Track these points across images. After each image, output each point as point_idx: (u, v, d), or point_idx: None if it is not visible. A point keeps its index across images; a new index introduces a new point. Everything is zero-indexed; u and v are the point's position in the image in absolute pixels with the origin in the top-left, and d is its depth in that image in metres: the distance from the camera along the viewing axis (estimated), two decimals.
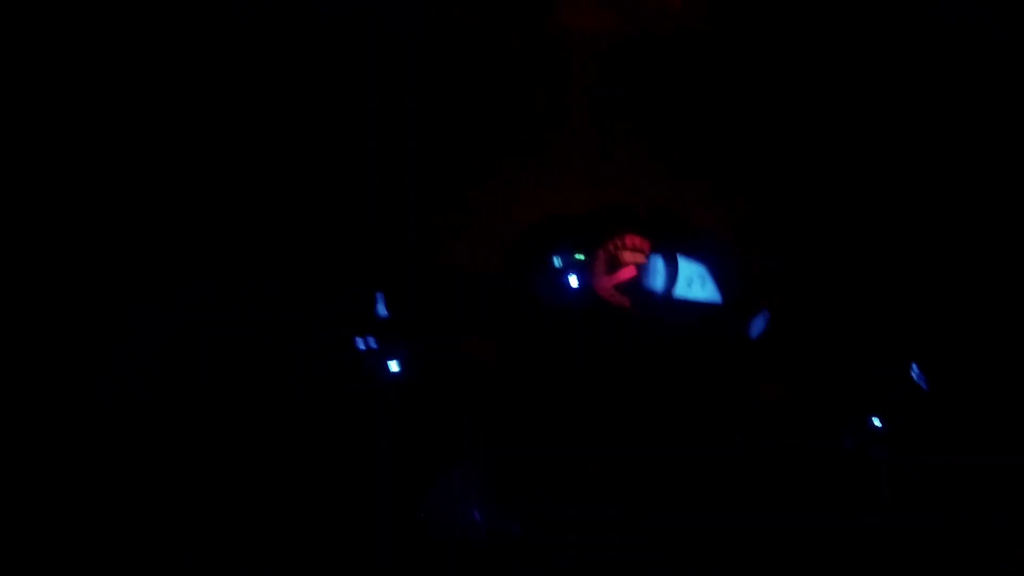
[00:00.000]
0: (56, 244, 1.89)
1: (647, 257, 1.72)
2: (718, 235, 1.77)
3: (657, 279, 1.71)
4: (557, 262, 1.73)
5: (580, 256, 1.73)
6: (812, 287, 1.78)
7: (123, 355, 1.72)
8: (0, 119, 1.95)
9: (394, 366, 1.58)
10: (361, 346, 1.57)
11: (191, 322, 1.72)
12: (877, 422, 1.48)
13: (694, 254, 1.73)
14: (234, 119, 1.98)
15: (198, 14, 2.01)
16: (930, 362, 1.50)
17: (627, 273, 1.72)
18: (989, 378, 1.54)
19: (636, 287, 1.72)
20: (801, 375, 1.56)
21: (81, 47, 1.98)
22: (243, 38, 2.03)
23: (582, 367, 1.66)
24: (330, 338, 1.60)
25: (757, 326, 1.60)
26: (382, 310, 1.60)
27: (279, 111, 1.97)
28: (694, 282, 1.73)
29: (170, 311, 1.75)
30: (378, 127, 1.99)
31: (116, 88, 1.99)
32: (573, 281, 1.72)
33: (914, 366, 1.49)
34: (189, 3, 2.02)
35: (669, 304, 1.70)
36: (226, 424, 1.62)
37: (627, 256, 1.74)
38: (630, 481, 1.55)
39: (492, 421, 1.77)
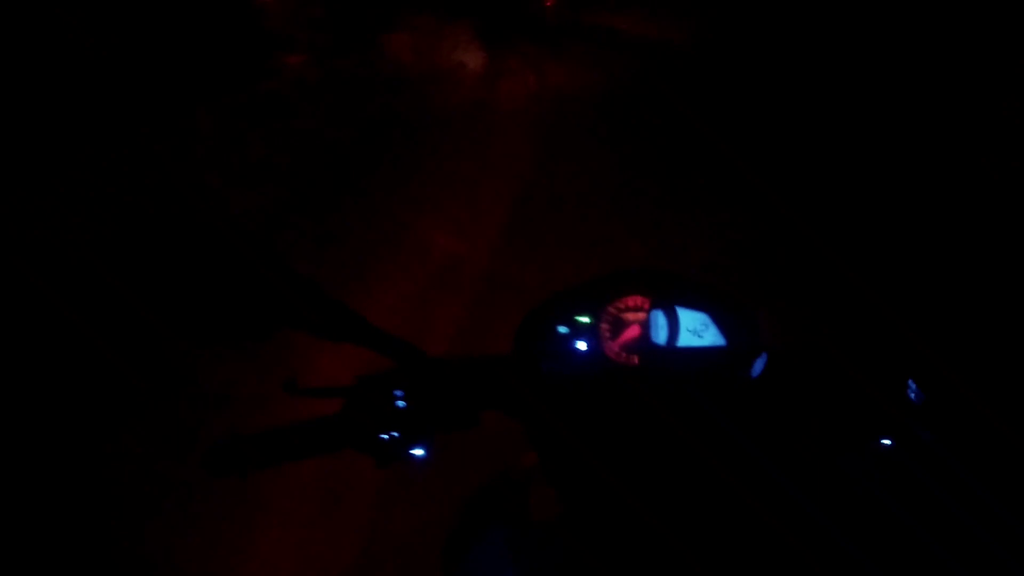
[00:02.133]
0: None
1: (648, 314, 1.80)
2: (715, 283, 1.83)
3: (660, 333, 1.78)
4: (563, 330, 1.81)
5: (584, 319, 1.81)
6: (808, 324, 1.82)
7: None
8: None
9: (419, 452, 1.63)
10: (385, 438, 1.63)
11: None
12: (886, 441, 1.50)
13: (694, 304, 1.80)
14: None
15: None
16: (926, 381, 1.52)
17: (631, 332, 1.79)
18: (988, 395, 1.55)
19: (642, 344, 1.78)
20: (803, 409, 1.58)
21: None
22: None
23: (603, 427, 1.70)
24: (354, 437, 1.65)
25: (758, 366, 1.65)
26: (400, 403, 1.66)
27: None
28: (698, 330, 1.79)
29: None
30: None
31: None
32: (582, 345, 1.79)
33: (911, 383, 1.52)
34: None
35: (676, 354, 1.76)
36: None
37: (629, 316, 1.81)
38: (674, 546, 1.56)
39: (530, 494, 1.80)
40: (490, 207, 4.86)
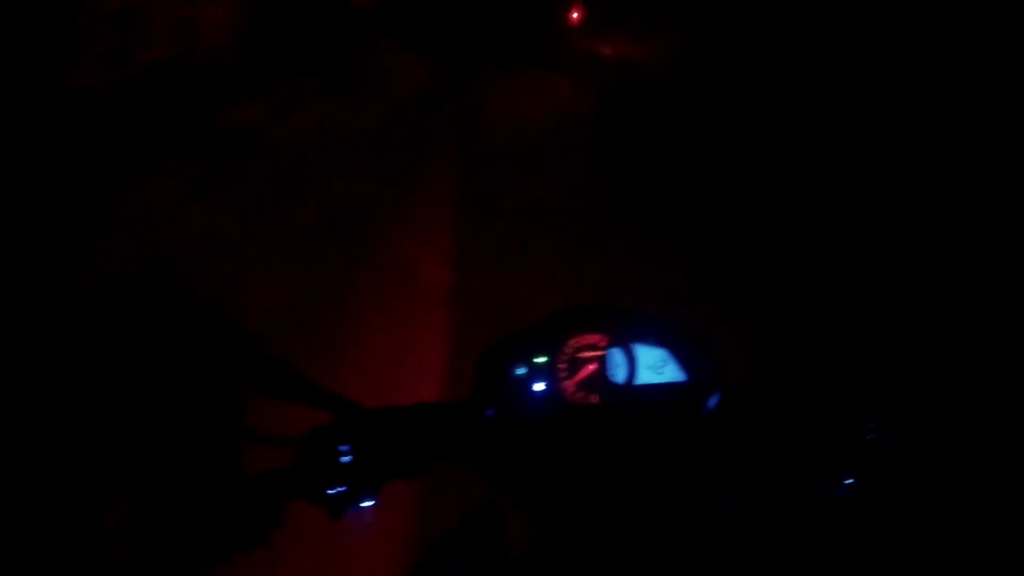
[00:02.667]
0: None
1: (605, 352, 1.76)
2: (672, 318, 1.80)
3: (619, 371, 1.74)
4: (519, 371, 1.76)
5: (541, 360, 1.76)
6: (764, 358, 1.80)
7: None
8: None
9: (368, 503, 1.56)
10: (331, 492, 1.56)
11: None
12: (848, 480, 1.47)
13: (652, 340, 1.77)
14: None
15: None
16: (888, 419, 1.50)
17: (588, 370, 1.75)
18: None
19: (600, 382, 1.74)
20: (761, 444, 1.55)
21: None
22: None
23: (562, 468, 1.65)
24: (303, 492, 1.59)
25: (712, 402, 1.62)
26: (345, 458, 1.59)
27: None
28: (657, 366, 1.75)
29: None
30: None
31: None
32: (539, 387, 1.74)
33: (871, 425, 1.50)
34: None
35: (635, 391, 1.72)
36: None
37: (586, 355, 1.77)
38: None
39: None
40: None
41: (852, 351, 2.82)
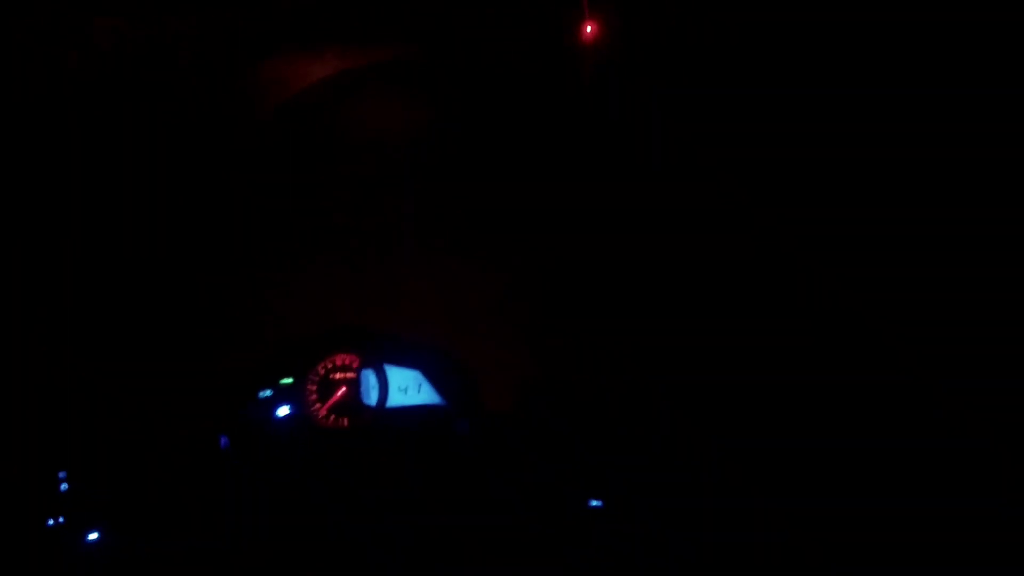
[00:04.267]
0: None
1: (357, 373, 1.71)
2: (426, 341, 1.79)
3: (370, 393, 1.70)
4: (266, 393, 1.66)
5: (287, 381, 1.68)
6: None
7: None
8: None
9: (92, 536, 1.40)
10: (50, 524, 1.39)
11: None
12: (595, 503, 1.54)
13: (405, 362, 1.75)
14: None
15: None
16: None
17: (339, 393, 1.70)
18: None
19: (351, 405, 1.69)
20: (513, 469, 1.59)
21: None
22: None
23: (314, 494, 1.58)
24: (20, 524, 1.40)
25: (461, 427, 1.63)
26: (64, 486, 1.42)
27: None
28: (409, 388, 1.74)
29: None
30: None
31: None
32: (283, 411, 1.66)
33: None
34: None
35: (385, 415, 1.69)
36: None
37: (337, 376, 1.72)
38: None
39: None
40: None
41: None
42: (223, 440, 1.54)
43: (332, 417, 1.70)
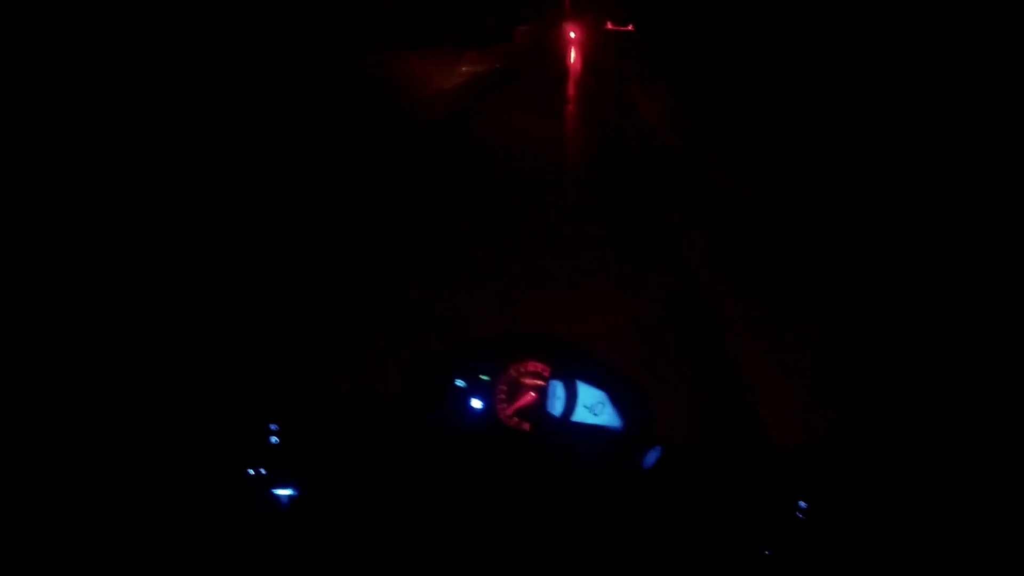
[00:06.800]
0: None
1: (547, 383, 1.76)
2: (617, 364, 1.80)
3: (556, 404, 1.74)
4: (461, 383, 1.75)
5: (485, 377, 1.75)
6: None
7: None
8: None
9: (284, 493, 1.53)
10: (251, 473, 1.53)
11: None
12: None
13: (594, 381, 1.77)
14: None
15: None
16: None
17: (527, 398, 1.75)
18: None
19: (536, 412, 1.74)
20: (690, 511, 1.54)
21: None
22: None
23: (480, 489, 1.63)
24: (224, 470, 1.56)
25: (651, 457, 1.61)
26: (273, 438, 1.57)
27: None
28: (594, 408, 1.76)
29: None
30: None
31: None
32: (476, 403, 1.73)
33: (801, 504, 1.50)
34: None
35: (568, 428, 1.72)
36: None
37: (527, 381, 1.77)
38: None
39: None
40: None
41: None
42: (431, 417, 1.64)
43: (516, 420, 1.75)
